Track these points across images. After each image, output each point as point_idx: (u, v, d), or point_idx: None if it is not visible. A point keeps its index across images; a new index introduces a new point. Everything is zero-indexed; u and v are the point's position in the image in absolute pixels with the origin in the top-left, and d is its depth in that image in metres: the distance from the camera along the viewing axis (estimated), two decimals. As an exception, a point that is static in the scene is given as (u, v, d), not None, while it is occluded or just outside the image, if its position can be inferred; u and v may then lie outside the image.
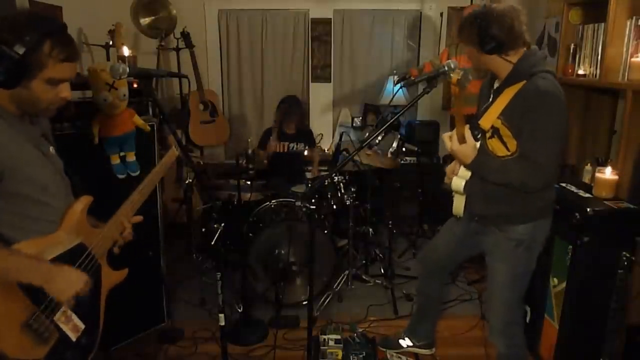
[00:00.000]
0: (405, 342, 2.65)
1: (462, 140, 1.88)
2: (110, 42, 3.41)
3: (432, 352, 2.65)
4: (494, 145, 1.91)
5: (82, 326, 1.43)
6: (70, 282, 1.37)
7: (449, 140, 1.93)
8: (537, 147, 1.79)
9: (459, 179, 2.01)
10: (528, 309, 2.55)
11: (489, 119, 1.90)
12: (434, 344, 2.68)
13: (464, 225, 2.18)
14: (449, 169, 2.11)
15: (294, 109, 3.89)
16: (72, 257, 1.43)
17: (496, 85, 1.98)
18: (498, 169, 1.88)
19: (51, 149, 1.49)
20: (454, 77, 1.79)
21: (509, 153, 1.88)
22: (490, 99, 1.97)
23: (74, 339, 1.41)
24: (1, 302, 1.26)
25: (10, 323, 1.28)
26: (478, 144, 1.93)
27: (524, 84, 1.83)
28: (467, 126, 1.90)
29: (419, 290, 2.57)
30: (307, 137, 4.04)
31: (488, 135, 1.92)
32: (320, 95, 4.74)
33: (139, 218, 1.65)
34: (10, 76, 1.27)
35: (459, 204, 2.08)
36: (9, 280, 1.26)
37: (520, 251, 1.97)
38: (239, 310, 2.94)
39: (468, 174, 1.98)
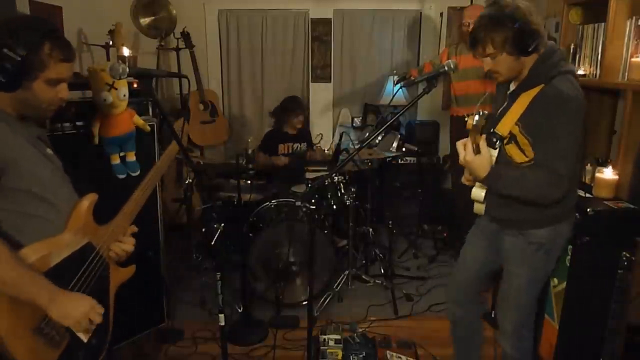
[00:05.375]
0: None
1: (477, 150, 1.74)
2: (110, 42, 3.41)
3: None
4: (512, 151, 1.83)
5: (92, 326, 1.41)
6: (77, 307, 1.32)
7: (462, 149, 1.77)
8: (558, 157, 1.71)
9: (479, 188, 1.91)
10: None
11: (506, 125, 1.81)
12: None
13: (485, 230, 2.08)
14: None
15: (299, 108, 3.88)
16: (81, 257, 1.41)
17: (512, 87, 1.88)
18: (515, 181, 1.77)
19: (48, 150, 1.48)
20: (469, 121, 1.66)
21: (527, 159, 1.80)
22: (506, 103, 1.88)
23: (85, 340, 1.40)
24: (12, 307, 1.24)
25: (21, 328, 1.26)
26: (496, 153, 1.83)
27: (541, 87, 1.74)
28: (483, 136, 1.78)
29: (455, 324, 2.26)
30: (307, 137, 4.04)
31: (505, 140, 1.84)
32: (320, 95, 4.74)
33: (135, 229, 1.64)
34: (13, 78, 1.28)
35: (479, 207, 2.00)
36: (13, 293, 1.23)
37: (540, 255, 1.91)
38: (239, 310, 2.94)
39: None
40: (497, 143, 1.84)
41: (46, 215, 1.38)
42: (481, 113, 1.66)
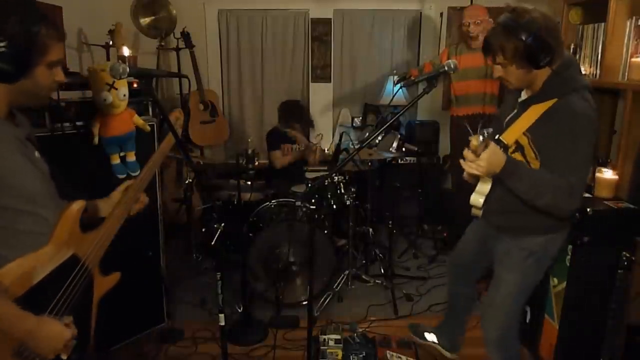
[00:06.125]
0: (431, 337, 2.61)
1: (481, 149, 1.67)
2: (110, 42, 3.41)
3: (452, 356, 2.56)
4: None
5: (73, 343, 1.35)
6: (53, 339, 1.27)
7: (473, 168, 1.71)
8: (572, 172, 1.69)
9: (477, 195, 1.91)
10: (528, 309, 2.54)
11: (512, 135, 1.80)
12: (456, 349, 2.57)
13: (484, 224, 2.11)
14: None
15: (297, 116, 3.88)
16: (65, 271, 1.35)
17: (524, 96, 1.86)
18: (532, 176, 1.73)
19: (36, 153, 1.39)
20: (473, 142, 1.63)
21: None
22: (515, 111, 1.86)
23: (64, 358, 1.34)
24: None
25: (1, 353, 1.21)
26: None
27: (554, 102, 1.72)
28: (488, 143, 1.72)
29: (449, 292, 2.49)
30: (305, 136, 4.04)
31: (511, 150, 1.83)
32: (320, 95, 4.74)
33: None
34: (20, 67, 1.23)
35: (476, 212, 1.99)
36: None
37: (530, 262, 1.91)
38: (239, 310, 2.94)
39: (486, 189, 1.86)
40: (500, 150, 1.83)
41: (34, 228, 1.32)
42: (486, 134, 1.65)
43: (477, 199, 1.90)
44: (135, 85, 2.39)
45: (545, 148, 1.75)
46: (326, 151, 4.63)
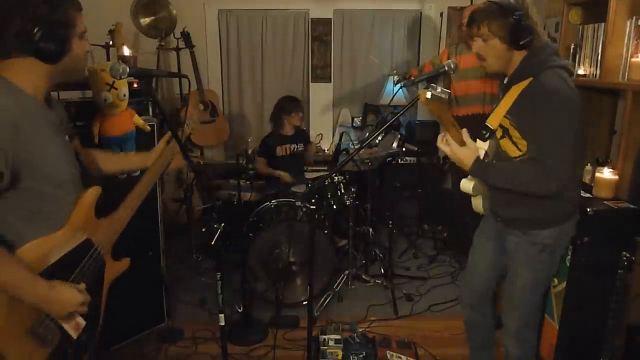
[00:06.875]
0: None
1: (461, 144, 1.79)
2: (110, 42, 3.41)
3: None
4: (506, 145, 1.84)
5: (83, 323, 1.41)
6: (66, 301, 1.32)
7: (444, 143, 1.81)
8: (546, 149, 1.70)
9: (468, 180, 1.92)
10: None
11: (495, 118, 1.83)
12: None
13: (491, 223, 2.08)
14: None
15: (296, 107, 3.87)
16: (79, 255, 1.41)
17: (505, 81, 1.90)
18: (502, 172, 1.78)
19: (67, 137, 1.44)
20: (422, 95, 1.60)
21: (521, 153, 1.80)
22: (500, 97, 1.90)
23: (75, 337, 1.39)
24: (9, 310, 1.24)
25: (16, 329, 1.26)
26: (486, 145, 1.85)
27: (530, 81, 1.75)
28: (464, 130, 1.80)
29: (472, 326, 2.30)
30: (304, 137, 4.04)
31: (499, 135, 1.85)
32: (320, 95, 4.74)
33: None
34: (63, 44, 1.26)
35: (477, 203, 2.01)
36: (6, 293, 1.23)
37: (544, 256, 1.89)
38: (239, 310, 2.94)
39: None
40: (487, 135, 1.85)
41: (58, 211, 1.37)
42: (435, 87, 1.60)
43: (468, 184, 1.91)
44: (135, 85, 2.39)
45: (525, 129, 1.76)
46: (326, 151, 4.64)
